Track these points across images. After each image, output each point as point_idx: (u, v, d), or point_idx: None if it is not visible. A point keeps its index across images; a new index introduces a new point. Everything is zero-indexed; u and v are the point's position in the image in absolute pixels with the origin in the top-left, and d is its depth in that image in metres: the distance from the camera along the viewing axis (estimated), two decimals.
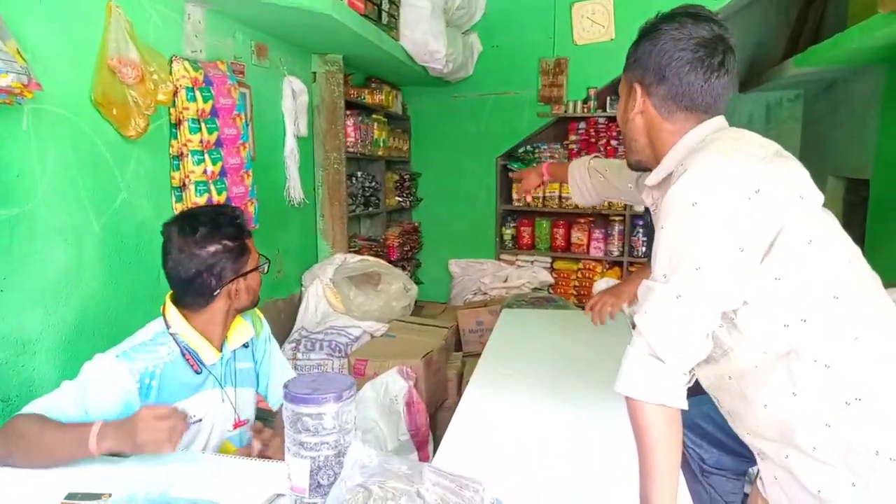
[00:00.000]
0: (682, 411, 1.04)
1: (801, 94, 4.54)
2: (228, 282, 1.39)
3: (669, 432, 1.03)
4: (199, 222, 1.37)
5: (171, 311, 1.41)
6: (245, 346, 1.53)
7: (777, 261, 1.00)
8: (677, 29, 1.10)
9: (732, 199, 0.98)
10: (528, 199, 4.11)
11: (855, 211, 3.65)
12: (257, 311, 1.61)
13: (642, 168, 1.25)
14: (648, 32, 1.14)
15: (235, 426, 1.48)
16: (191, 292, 1.38)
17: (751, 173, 0.99)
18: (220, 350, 1.44)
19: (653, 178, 1.18)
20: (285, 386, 0.98)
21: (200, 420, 1.40)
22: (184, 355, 1.39)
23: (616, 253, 4.49)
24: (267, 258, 1.52)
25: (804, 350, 1.01)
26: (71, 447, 1.17)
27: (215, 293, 1.38)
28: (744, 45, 4.40)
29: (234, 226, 1.39)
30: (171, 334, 1.38)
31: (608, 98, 4.34)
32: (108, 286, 2.01)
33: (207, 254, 1.35)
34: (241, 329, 1.51)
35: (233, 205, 1.38)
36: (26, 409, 1.25)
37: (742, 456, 1.32)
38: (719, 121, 1.14)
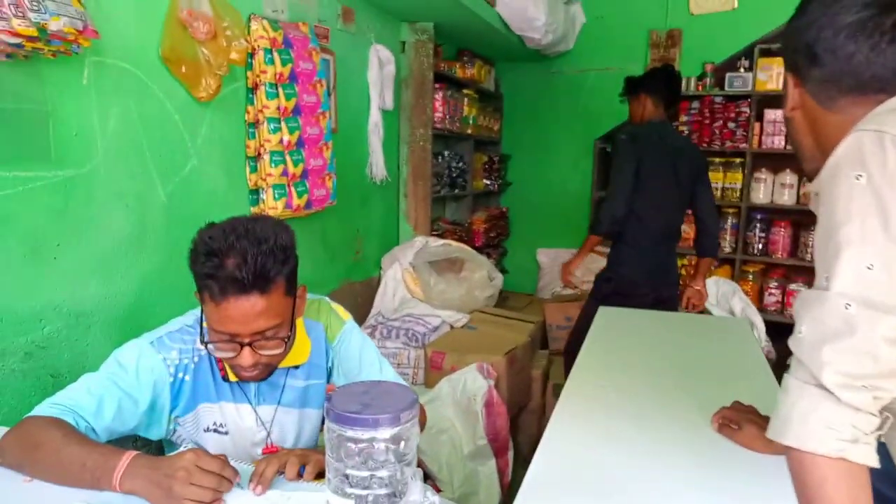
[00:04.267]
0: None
1: None
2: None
3: (852, 497, 0.73)
4: (223, 233, 1.03)
5: None
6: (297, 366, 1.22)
7: None
8: None
9: None
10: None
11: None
12: (336, 308, 1.34)
13: None
14: (798, 7, 0.91)
15: (265, 451, 1.20)
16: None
17: None
18: None
19: (817, 181, 0.87)
20: (328, 398, 0.74)
21: (227, 433, 1.18)
22: (211, 354, 1.13)
23: (728, 249, 4.00)
24: (241, 343, 1.04)
25: None
26: (92, 474, 0.94)
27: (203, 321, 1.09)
28: None
29: (232, 262, 0.99)
30: (202, 326, 1.10)
31: (726, 75, 3.86)
32: (173, 259, 1.87)
33: (198, 268, 1.03)
34: (293, 350, 1.17)
35: (272, 250, 1.02)
36: (46, 407, 1.05)
37: None
38: None
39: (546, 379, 3.01)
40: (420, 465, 2.30)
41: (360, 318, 3.03)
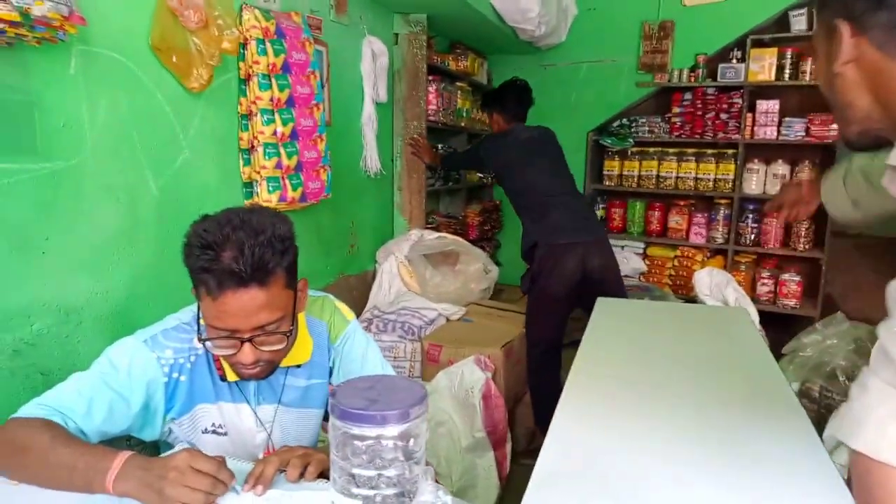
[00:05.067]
0: None
1: None
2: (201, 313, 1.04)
3: None
4: (218, 225, 0.98)
5: None
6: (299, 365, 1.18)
7: None
8: None
9: None
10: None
11: None
12: (340, 307, 1.29)
13: (869, 144, 0.81)
14: None
15: (266, 454, 1.14)
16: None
17: None
18: None
19: None
20: (332, 394, 0.71)
21: (226, 434, 1.14)
22: (209, 353, 1.10)
23: (720, 240, 4.01)
24: (241, 340, 1.00)
25: None
26: (84, 477, 0.90)
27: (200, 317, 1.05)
28: None
29: (228, 255, 0.95)
30: (199, 323, 1.05)
31: (719, 66, 3.85)
32: (166, 254, 1.83)
33: (193, 262, 0.98)
34: (294, 348, 1.14)
35: (270, 241, 0.98)
36: (32, 407, 1.01)
37: None
38: None
39: None
40: None
41: (356, 312, 2.98)
